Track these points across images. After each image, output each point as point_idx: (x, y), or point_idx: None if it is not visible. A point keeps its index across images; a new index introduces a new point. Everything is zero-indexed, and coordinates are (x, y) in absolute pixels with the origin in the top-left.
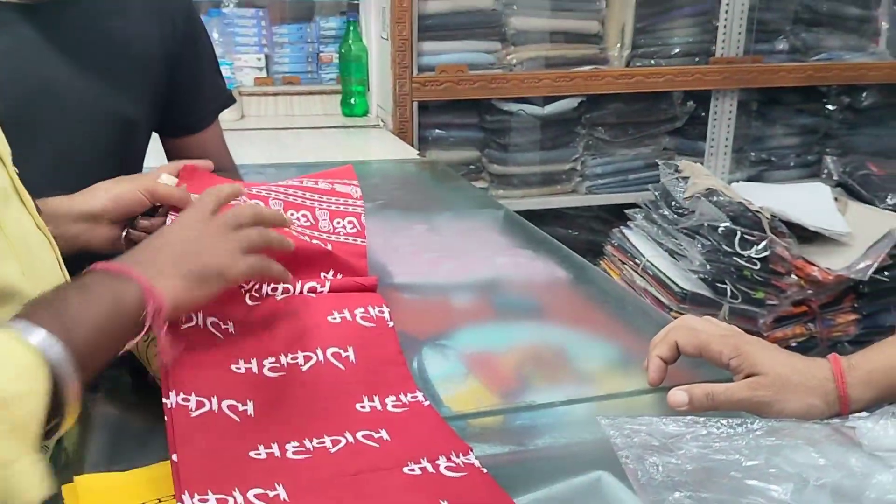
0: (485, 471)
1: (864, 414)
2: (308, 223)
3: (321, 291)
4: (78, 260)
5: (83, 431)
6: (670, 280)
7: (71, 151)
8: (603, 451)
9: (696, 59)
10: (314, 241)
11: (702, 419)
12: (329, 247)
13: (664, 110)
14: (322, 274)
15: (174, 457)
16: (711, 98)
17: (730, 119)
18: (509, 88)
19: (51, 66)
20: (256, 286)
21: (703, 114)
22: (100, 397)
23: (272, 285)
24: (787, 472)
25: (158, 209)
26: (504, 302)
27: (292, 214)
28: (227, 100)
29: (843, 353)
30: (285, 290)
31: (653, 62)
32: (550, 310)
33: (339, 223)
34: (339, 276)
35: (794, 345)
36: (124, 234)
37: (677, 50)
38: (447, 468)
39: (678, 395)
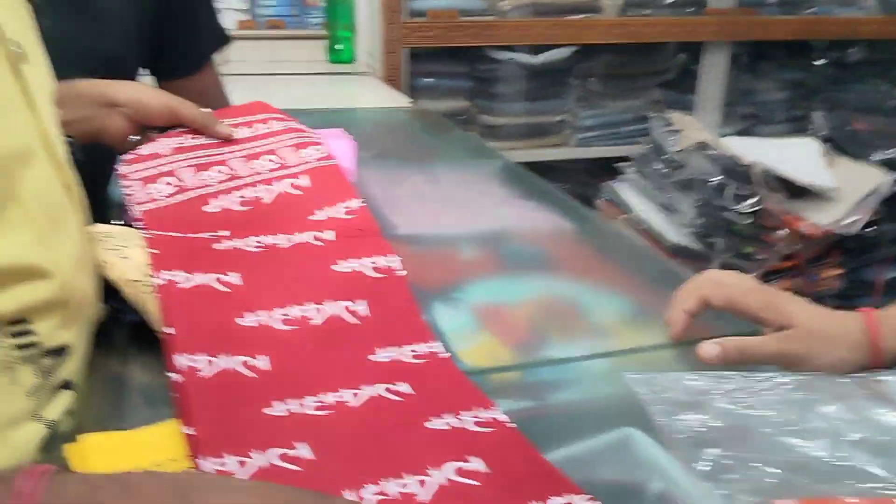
0: (513, 425)
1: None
2: (276, 165)
3: (327, 238)
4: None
5: (86, 389)
6: (661, 234)
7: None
8: (626, 407)
9: (690, 10)
10: (286, 181)
11: (729, 374)
12: (306, 178)
13: (656, 62)
14: (312, 214)
15: (187, 424)
16: (703, 51)
17: (721, 72)
18: (502, 35)
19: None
20: (260, 235)
21: (694, 67)
22: (100, 352)
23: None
24: (821, 427)
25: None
26: (511, 253)
27: (255, 162)
28: (224, 40)
29: (826, 307)
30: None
31: (646, 12)
32: (559, 261)
33: (304, 153)
34: (334, 210)
35: None
36: (138, 137)
37: (671, 0)
38: (474, 423)
39: (709, 348)
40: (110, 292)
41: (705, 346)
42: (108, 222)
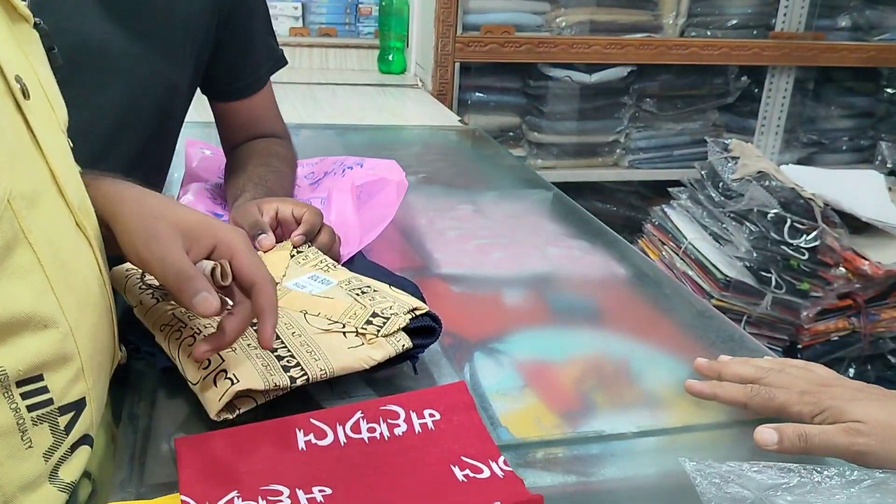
0: None
1: None
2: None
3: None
4: None
5: (109, 443)
6: (713, 265)
7: (106, 112)
8: (677, 489)
9: (755, 32)
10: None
11: (794, 466)
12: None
13: (716, 84)
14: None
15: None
16: (767, 74)
17: (784, 97)
18: (557, 53)
19: (91, 23)
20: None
21: (757, 90)
22: (129, 399)
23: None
24: None
25: None
26: (560, 302)
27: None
28: (279, 61)
29: (885, 349)
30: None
31: (708, 33)
32: (611, 314)
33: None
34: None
35: (835, 339)
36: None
37: (734, 21)
38: None
39: (767, 434)
40: (146, 334)
41: (763, 431)
42: None
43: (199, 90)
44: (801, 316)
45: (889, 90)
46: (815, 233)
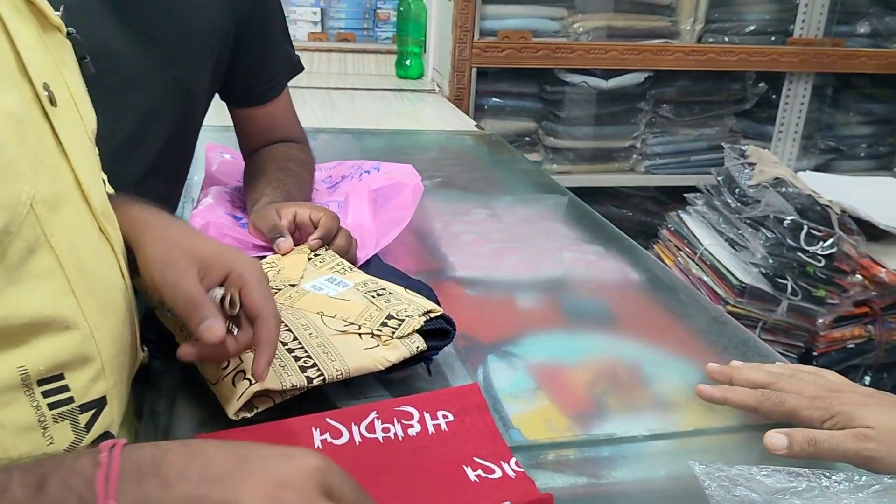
0: None
1: None
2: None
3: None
4: None
5: (131, 440)
6: (728, 271)
7: (125, 118)
8: (687, 492)
9: (773, 38)
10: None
11: (804, 471)
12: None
13: (734, 90)
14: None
15: None
16: (785, 80)
17: (802, 104)
18: (574, 59)
19: (108, 29)
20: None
21: (774, 96)
22: (150, 397)
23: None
24: None
25: None
26: (573, 306)
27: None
28: (296, 67)
29: None
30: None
31: (726, 39)
32: (624, 318)
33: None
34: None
35: (851, 346)
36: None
37: (752, 27)
38: None
39: (776, 439)
40: (166, 334)
41: (772, 436)
42: None
43: (217, 96)
44: (817, 323)
45: None
46: (831, 240)
